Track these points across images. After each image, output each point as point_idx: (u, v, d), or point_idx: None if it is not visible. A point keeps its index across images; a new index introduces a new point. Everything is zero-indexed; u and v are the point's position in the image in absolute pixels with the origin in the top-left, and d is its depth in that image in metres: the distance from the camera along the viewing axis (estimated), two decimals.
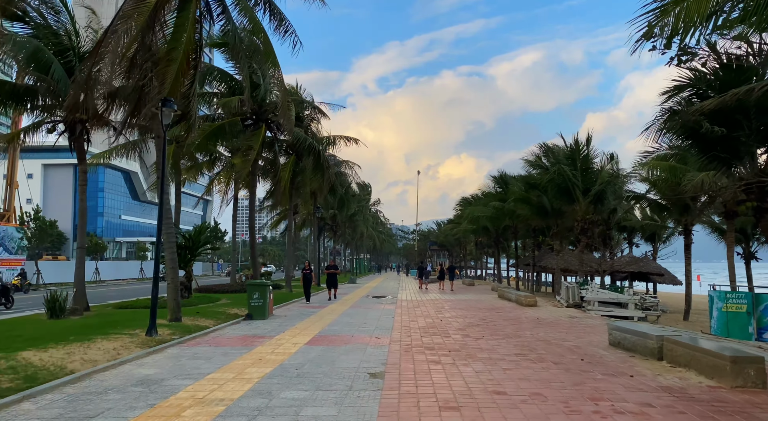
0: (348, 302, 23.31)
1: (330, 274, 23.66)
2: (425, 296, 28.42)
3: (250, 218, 21.59)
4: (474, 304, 22.96)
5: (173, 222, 25.79)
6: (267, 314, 16.49)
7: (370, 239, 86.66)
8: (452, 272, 41.46)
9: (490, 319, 16.70)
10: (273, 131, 21.97)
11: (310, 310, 19.78)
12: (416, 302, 23.77)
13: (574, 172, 27.46)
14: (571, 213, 29.96)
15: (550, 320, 16.59)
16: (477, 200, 55.11)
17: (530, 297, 21.86)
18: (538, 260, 40.07)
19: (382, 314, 18.07)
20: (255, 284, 16.46)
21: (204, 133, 19.61)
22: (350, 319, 16.61)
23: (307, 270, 22.30)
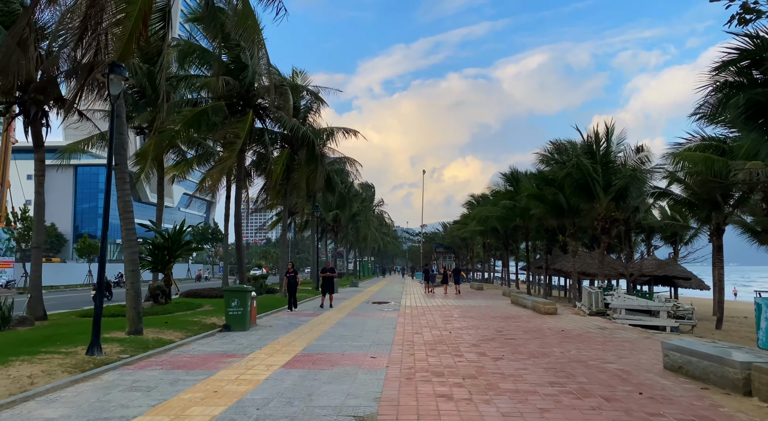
0: (345, 309, 21.01)
1: (326, 278, 21.05)
2: (431, 302, 26.07)
3: (236, 215, 19.39)
4: (486, 311, 20.60)
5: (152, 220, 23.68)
6: (247, 324, 14.20)
7: (374, 241, 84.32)
8: (458, 275, 39.19)
9: (507, 330, 14.35)
10: (262, 119, 19.75)
11: (300, 319, 17.49)
12: (421, 309, 21.44)
13: (594, 166, 25.07)
14: (590, 211, 27.55)
15: (578, 332, 14.22)
16: (485, 200, 52.80)
17: (549, 304, 19.50)
18: (551, 262, 37.63)
19: (381, 324, 15.76)
20: (233, 291, 14.18)
21: (185, 119, 17.42)
22: (344, 330, 14.30)
23: (291, 273, 19.49)
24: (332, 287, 21.33)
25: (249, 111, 18.41)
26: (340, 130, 26.66)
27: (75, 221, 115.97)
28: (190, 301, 20.93)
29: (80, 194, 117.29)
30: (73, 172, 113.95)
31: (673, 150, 23.19)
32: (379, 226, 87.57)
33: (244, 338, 12.65)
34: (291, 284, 18.96)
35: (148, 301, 18.51)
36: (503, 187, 42.64)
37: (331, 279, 21.25)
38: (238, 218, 19.48)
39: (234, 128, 18.50)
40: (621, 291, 21.44)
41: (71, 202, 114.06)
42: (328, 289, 21.05)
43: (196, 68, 19.75)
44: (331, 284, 21.24)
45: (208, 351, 10.80)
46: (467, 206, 58.52)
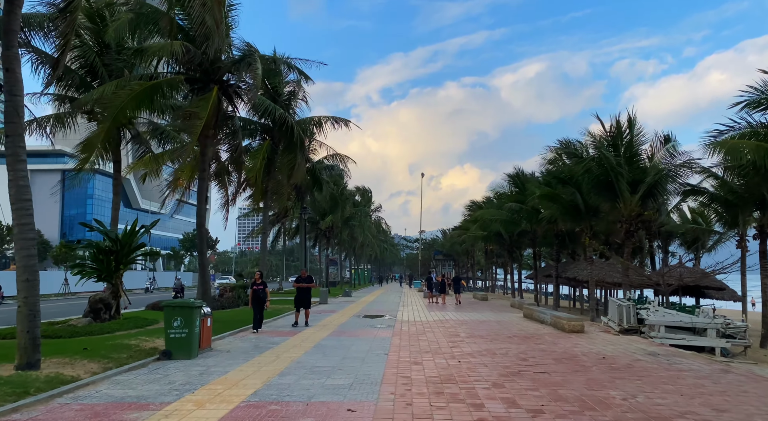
0: (330, 326, 17.69)
1: (300, 289, 17.11)
2: (431, 316, 22.76)
3: (198, 214, 16.16)
4: (497, 328, 17.31)
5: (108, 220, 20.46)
6: (194, 350, 10.90)
7: (371, 248, 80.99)
8: (458, 284, 36.04)
9: (533, 357, 11.07)
10: (231, 100, 16.59)
11: (271, 340, 14.17)
12: (421, 325, 18.15)
13: (618, 159, 21.88)
14: (610, 213, 24.38)
15: (624, 359, 10.95)
16: (488, 204, 49.61)
17: (575, 320, 16.22)
18: (562, 270, 34.36)
19: (371, 348, 12.46)
20: (175, 307, 10.86)
21: (132, 93, 14.22)
22: (321, 358, 11.00)
23: (258, 285, 15.54)
24: (307, 301, 17.28)
25: (213, 88, 15.24)
26: (329, 119, 23.48)
27: (62, 228, 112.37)
28: (147, 316, 17.61)
29: (68, 200, 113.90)
30: (61, 178, 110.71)
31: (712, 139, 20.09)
32: (376, 232, 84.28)
33: (181, 372, 9.35)
34: (257, 297, 15.37)
35: (87, 316, 15.21)
36: (508, 189, 39.45)
37: (306, 291, 17.24)
38: (200, 217, 16.24)
39: (194, 107, 15.31)
40: (657, 304, 18.18)
41: (58, 209, 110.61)
42: (302, 303, 17.17)
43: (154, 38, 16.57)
44: (306, 297, 17.24)
45: (116, 397, 7.50)
46: (468, 211, 55.30)
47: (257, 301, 15.32)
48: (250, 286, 15.53)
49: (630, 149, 22.52)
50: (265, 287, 15.49)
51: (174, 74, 15.96)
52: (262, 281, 15.63)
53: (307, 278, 17.36)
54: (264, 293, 15.29)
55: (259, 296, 15.29)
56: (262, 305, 15.37)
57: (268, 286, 15.81)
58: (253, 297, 15.37)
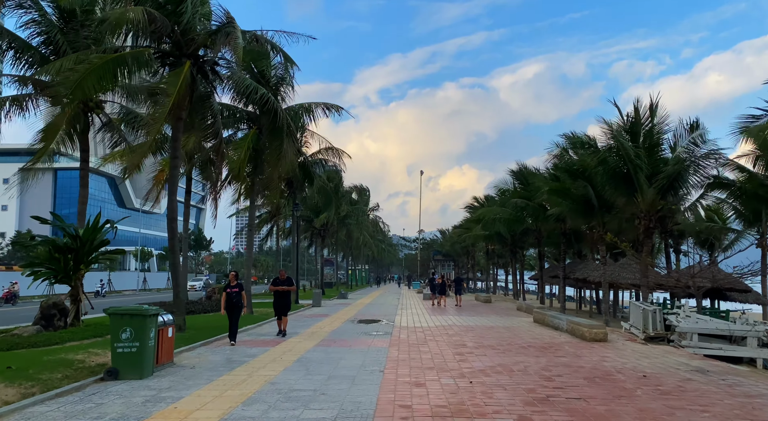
0: (319, 333, 15.73)
1: (278, 293, 14.62)
2: (433, 321, 20.81)
3: (170, 207, 14.18)
4: (508, 336, 15.37)
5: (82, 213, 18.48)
6: (148, 367, 8.95)
7: (368, 248, 79.01)
8: (459, 285, 34.26)
9: (559, 376, 9.13)
10: (207, 77, 14.60)
11: (249, 352, 12.21)
12: (422, 333, 16.20)
13: (637, 149, 19.96)
14: (626, 208, 22.49)
15: (671, 379, 9.01)
16: (489, 202, 47.69)
17: (597, 328, 14.28)
18: (570, 270, 32.44)
19: (364, 364, 10.51)
20: (123, 315, 8.89)
21: (92, 66, 12.27)
22: (301, 378, 9.05)
23: (233, 288, 12.89)
24: (285, 307, 14.75)
25: (185, 63, 13.29)
26: (320, 105, 21.48)
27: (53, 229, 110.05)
28: None
29: (60, 199, 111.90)
30: (53, 176, 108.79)
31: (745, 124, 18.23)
32: (374, 232, 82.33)
33: (122, 399, 7.40)
34: (231, 302, 12.78)
35: (38, 324, 13.24)
36: (512, 185, 37.54)
37: (285, 295, 14.70)
38: (171, 211, 14.26)
39: (162, 83, 13.40)
40: (688, 308, 16.24)
41: (50, 208, 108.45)
42: (281, 309, 14.67)
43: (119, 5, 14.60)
44: (285, 303, 14.74)
45: None
46: (469, 210, 53.33)
47: (231, 307, 12.94)
48: (223, 289, 13.34)
49: (650, 138, 20.59)
50: (241, 289, 13.10)
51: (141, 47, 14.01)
52: (237, 283, 13.13)
53: (286, 280, 14.83)
54: (239, 297, 12.99)
55: (232, 301, 12.87)
56: (237, 311, 13.05)
57: (244, 288, 13.62)
58: (226, 302, 12.95)
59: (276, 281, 14.98)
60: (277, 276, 15.34)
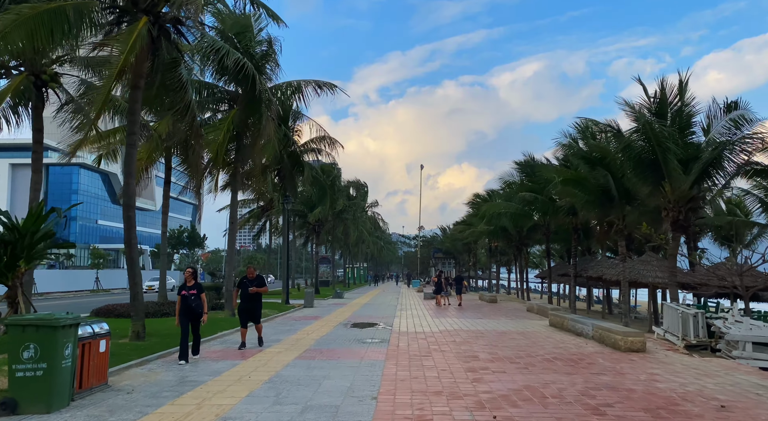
0: (304, 341, 13.46)
1: (246, 296, 11.93)
2: (436, 324, 18.55)
3: (126, 192, 11.88)
4: (525, 344, 13.11)
5: None
6: (63, 395, 6.69)
7: (367, 245, 76.74)
8: (460, 284, 32.26)
9: (608, 406, 6.86)
10: (170, 38, 12.27)
11: (210, 368, 9.96)
12: (424, 340, 13.94)
13: (671, 130, 17.69)
14: (651, 198, 20.28)
15: (762, 411, 6.76)
16: (492, 196, 45.45)
17: (633, 335, 12.01)
18: (582, 268, 30.16)
19: (353, 386, 8.25)
20: (26, 325, 6.62)
21: (20, 19, 10.03)
22: (266, 410, 6.79)
23: (190, 289, 10.21)
24: (255, 313, 12.10)
25: (141, 18, 11.01)
26: (311, 84, 19.18)
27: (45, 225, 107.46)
28: None
29: (51, 195, 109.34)
30: (45, 172, 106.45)
31: None
32: (372, 229, 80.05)
33: None
34: (187, 307, 10.14)
35: None
36: (518, 178, 35.30)
37: (255, 298, 12.00)
38: (127, 197, 12.00)
39: (113, 40, 11.12)
40: (738, 312, 13.96)
41: None
42: (250, 316, 12.04)
43: None
44: (254, 308, 12.05)
45: None
46: (471, 205, 51.04)
47: (187, 313, 10.18)
48: (178, 290, 10.57)
49: (679, 120, 18.32)
50: (200, 292, 10.39)
51: None
52: (195, 283, 10.36)
53: (256, 279, 12.04)
54: (198, 301, 10.30)
55: (189, 305, 10.16)
56: (196, 318, 10.32)
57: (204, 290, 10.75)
58: (181, 307, 10.20)
59: (243, 281, 12.08)
60: (244, 275, 12.31)
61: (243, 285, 12.03)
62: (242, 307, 12.10)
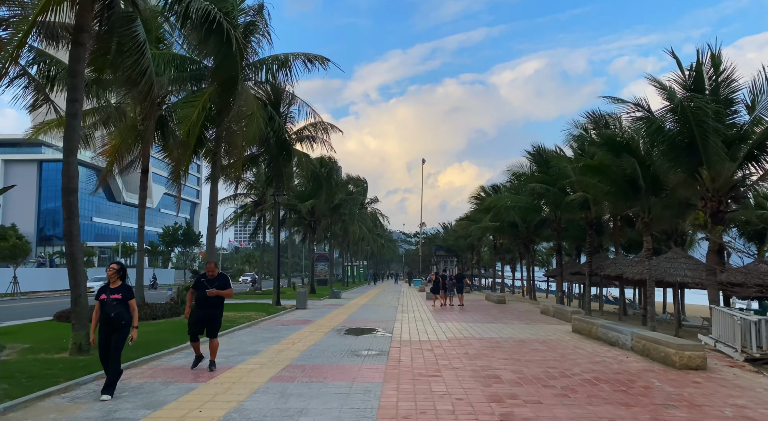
0: (286, 353, 11.17)
1: (201, 300, 9.13)
2: (442, 329, 16.26)
3: (65, 173, 9.64)
4: (553, 358, 10.82)
5: None
6: None
7: (367, 243, 74.48)
8: (461, 283, 30.14)
9: None
10: None
11: (156, 396, 7.68)
12: (430, 351, 11.65)
13: (717, 105, 15.37)
14: (683, 187, 18.05)
15: None
16: (498, 191, 43.13)
17: (691, 348, 9.72)
18: (597, 266, 27.87)
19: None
20: None
21: None
22: None
23: (113, 292, 7.43)
24: (213, 323, 9.18)
25: None
26: (300, 57, 16.87)
27: (39, 222, 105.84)
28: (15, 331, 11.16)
29: (45, 192, 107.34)
30: (37, 168, 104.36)
31: None
32: (372, 226, 77.74)
33: None
34: (107, 319, 7.32)
35: None
36: (529, 169, 33.00)
37: (213, 303, 9.16)
38: (67, 178, 9.73)
39: None
40: None
41: (35, 202, 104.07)
42: (206, 324, 9.14)
43: None
44: (213, 316, 9.19)
45: None
46: (475, 200, 48.65)
47: (107, 325, 7.31)
48: (97, 294, 7.47)
49: (717, 96, 16.00)
50: (127, 296, 7.45)
51: None
52: (122, 286, 7.55)
53: (218, 279, 9.19)
54: (121, 310, 7.32)
55: (108, 315, 7.28)
56: (120, 333, 7.33)
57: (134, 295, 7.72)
58: (100, 318, 7.40)
59: (199, 280, 9.25)
60: (202, 273, 9.47)
61: (199, 286, 9.18)
62: (195, 315, 9.14)
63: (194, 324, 9.20)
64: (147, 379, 8.51)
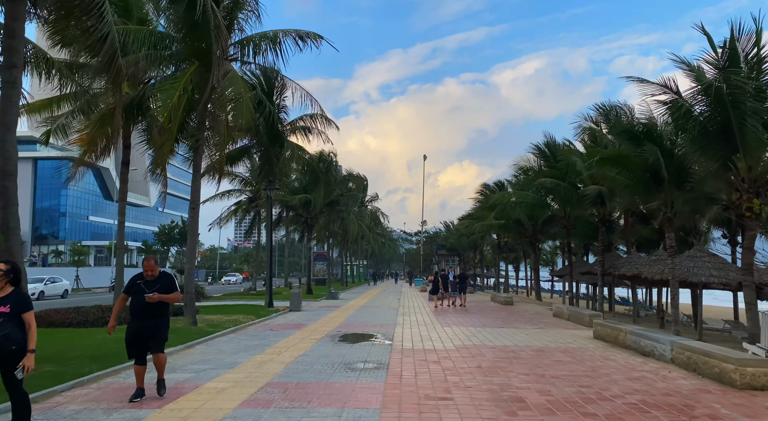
0: (264, 371, 9.51)
1: (137, 307, 6.86)
2: (447, 335, 14.61)
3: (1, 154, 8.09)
4: (582, 373, 9.17)
5: None
6: None
7: (367, 241, 72.84)
8: (464, 283, 28.75)
9: None
10: None
11: None
12: (436, 364, 10.00)
13: (746, 83, 13.73)
14: (712, 178, 16.45)
15: None
16: (502, 187, 41.51)
17: (754, 364, 8.07)
18: (610, 265, 26.21)
19: None
20: None
21: None
22: None
23: None
24: (156, 336, 6.95)
25: None
26: (290, 34, 15.24)
27: (34, 221, 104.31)
28: None
29: (40, 191, 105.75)
30: (32, 166, 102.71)
31: None
32: (372, 225, 76.09)
33: None
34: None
35: None
36: (536, 164, 31.35)
37: (153, 312, 6.89)
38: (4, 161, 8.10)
39: None
40: None
41: (29, 200, 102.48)
42: (145, 339, 6.92)
43: None
44: (154, 327, 6.89)
45: None
46: (478, 197, 46.99)
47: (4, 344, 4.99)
48: None
49: (759, 71, 14.35)
50: (21, 309, 5.13)
51: None
52: (14, 293, 5.23)
53: (160, 280, 6.98)
54: (10, 329, 4.98)
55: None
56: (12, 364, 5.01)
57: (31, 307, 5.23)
58: None
59: (135, 283, 6.97)
60: (138, 274, 7.06)
61: (135, 290, 6.89)
62: (132, 329, 6.91)
63: (132, 340, 6.91)
64: (89, 403, 6.88)
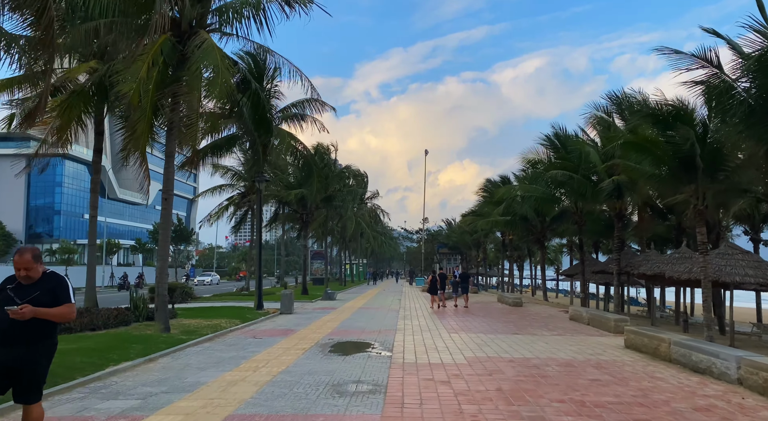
0: (227, 399, 7.55)
1: (10, 329, 4.23)
2: (457, 343, 12.70)
3: None
4: (630, 398, 7.26)
5: None
6: None
7: (366, 240, 70.95)
8: (466, 283, 27.15)
9: None
10: None
11: None
12: (447, 386, 8.08)
13: None
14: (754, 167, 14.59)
15: None
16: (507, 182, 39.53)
17: None
18: (627, 264, 24.28)
19: None
20: None
21: None
22: None
23: None
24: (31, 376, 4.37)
25: None
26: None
27: (27, 220, 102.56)
28: None
29: (34, 189, 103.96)
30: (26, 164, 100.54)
31: None
32: (372, 222, 74.21)
33: None
34: None
35: None
36: (546, 155, 29.40)
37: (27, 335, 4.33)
38: None
39: None
40: None
41: (23, 198, 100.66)
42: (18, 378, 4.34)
43: None
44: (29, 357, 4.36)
45: None
46: (483, 193, 44.99)
47: None
48: None
49: None
50: None
51: None
52: None
53: (40, 285, 4.41)
54: None
55: None
56: None
57: None
58: None
59: (3, 287, 4.47)
60: (10, 276, 4.54)
61: (2, 297, 4.41)
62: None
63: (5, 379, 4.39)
64: None
